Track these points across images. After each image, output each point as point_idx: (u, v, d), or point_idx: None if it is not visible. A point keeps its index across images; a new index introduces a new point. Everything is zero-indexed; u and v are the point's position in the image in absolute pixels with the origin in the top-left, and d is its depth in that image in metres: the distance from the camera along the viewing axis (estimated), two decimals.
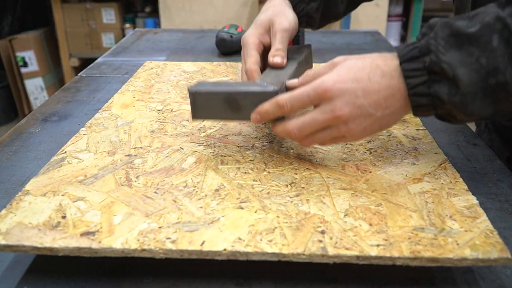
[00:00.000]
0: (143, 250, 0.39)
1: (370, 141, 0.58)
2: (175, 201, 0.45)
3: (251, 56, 0.61)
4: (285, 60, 0.60)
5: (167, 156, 0.54)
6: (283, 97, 0.48)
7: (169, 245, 0.39)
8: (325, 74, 0.48)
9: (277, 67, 0.60)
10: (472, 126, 0.79)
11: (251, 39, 0.62)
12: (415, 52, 0.45)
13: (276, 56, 0.60)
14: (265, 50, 0.64)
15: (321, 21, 0.75)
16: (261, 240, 0.40)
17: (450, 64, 0.43)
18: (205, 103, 0.53)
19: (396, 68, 0.46)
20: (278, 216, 0.43)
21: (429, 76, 0.44)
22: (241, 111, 0.52)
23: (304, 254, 0.38)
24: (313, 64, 0.88)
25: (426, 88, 0.45)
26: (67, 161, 0.53)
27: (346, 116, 0.46)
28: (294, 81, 0.52)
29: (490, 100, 0.43)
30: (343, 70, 0.47)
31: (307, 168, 0.51)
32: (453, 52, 0.43)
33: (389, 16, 2.60)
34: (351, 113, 0.46)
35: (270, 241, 0.40)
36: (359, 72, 0.46)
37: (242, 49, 0.64)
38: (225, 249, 0.39)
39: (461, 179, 0.49)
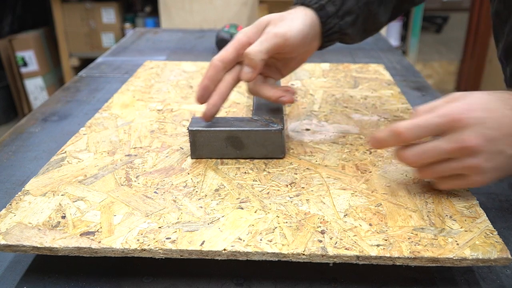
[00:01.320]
0: (143, 250, 0.39)
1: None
2: (175, 201, 0.45)
3: (224, 51, 0.52)
4: (251, 75, 0.51)
5: (167, 156, 0.54)
6: (403, 125, 0.43)
7: (169, 245, 0.39)
8: (451, 103, 0.43)
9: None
10: None
11: (239, 35, 0.54)
12: None
13: (244, 71, 0.52)
14: None
15: (360, 36, 0.62)
16: (261, 240, 0.40)
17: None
18: (206, 141, 0.53)
19: None
20: (278, 216, 0.43)
21: None
22: (243, 149, 0.52)
23: (304, 254, 0.38)
24: (313, 64, 0.88)
25: None
26: (67, 161, 0.53)
27: (475, 147, 0.40)
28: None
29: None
30: (473, 100, 0.43)
31: (307, 168, 0.51)
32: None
33: None
34: (480, 145, 0.40)
35: (270, 241, 0.40)
36: (490, 103, 0.42)
37: None
38: (225, 249, 0.39)
39: None
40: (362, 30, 0.60)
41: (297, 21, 0.54)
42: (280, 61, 0.57)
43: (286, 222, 0.42)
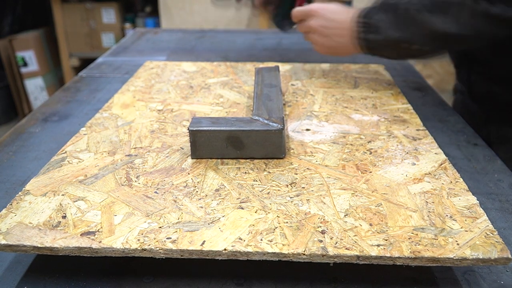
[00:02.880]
0: (144, 250, 0.39)
1: (370, 141, 0.58)
2: (175, 201, 0.45)
3: None
4: None
5: (167, 156, 0.54)
6: (298, 9, 0.77)
7: (170, 245, 0.39)
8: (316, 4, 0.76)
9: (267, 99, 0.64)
10: (450, 100, 0.85)
11: None
12: (367, 11, 0.71)
13: None
14: None
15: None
16: (261, 240, 0.40)
17: (377, 19, 0.69)
18: (206, 142, 0.53)
19: (355, 18, 0.71)
20: (278, 216, 0.43)
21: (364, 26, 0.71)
22: (244, 149, 0.52)
23: (304, 254, 0.38)
24: (314, 65, 0.88)
25: (365, 27, 0.71)
26: (67, 161, 0.53)
27: (316, 27, 0.74)
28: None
29: (395, 48, 0.70)
30: (328, 5, 0.75)
31: (307, 168, 0.51)
32: (381, 13, 0.69)
33: None
34: (318, 27, 0.74)
35: (271, 241, 0.40)
36: (335, 8, 0.74)
37: None
38: (225, 249, 0.39)
39: (461, 179, 0.49)
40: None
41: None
42: None
43: (287, 222, 0.42)
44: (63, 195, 0.46)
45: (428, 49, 0.68)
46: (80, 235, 0.40)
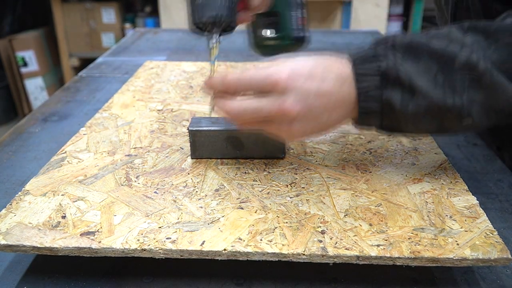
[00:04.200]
0: (143, 250, 0.39)
1: (370, 141, 0.58)
2: (175, 201, 0.45)
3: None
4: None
5: (167, 156, 0.54)
6: (233, 76, 0.44)
7: (169, 245, 0.39)
8: (277, 65, 0.43)
9: None
10: None
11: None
12: (369, 53, 0.43)
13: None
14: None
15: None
16: (261, 240, 0.40)
17: (408, 72, 0.41)
18: (206, 142, 0.52)
19: (349, 72, 0.43)
20: (278, 216, 0.43)
21: (381, 80, 0.42)
22: (244, 149, 0.52)
23: (304, 254, 0.38)
24: None
25: (378, 93, 0.42)
26: (67, 161, 0.53)
27: (294, 114, 0.42)
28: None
29: (440, 117, 0.42)
30: (298, 64, 0.43)
31: (307, 168, 0.51)
32: (410, 62, 0.42)
33: (389, 16, 2.60)
34: (299, 112, 0.42)
35: (270, 241, 0.40)
36: (315, 70, 0.43)
37: None
38: (225, 249, 0.39)
39: (461, 179, 0.49)
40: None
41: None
42: None
43: (286, 222, 0.42)
44: (62, 195, 0.46)
45: (483, 123, 0.43)
46: (80, 235, 0.40)
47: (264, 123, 0.44)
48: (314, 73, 0.42)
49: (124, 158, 0.54)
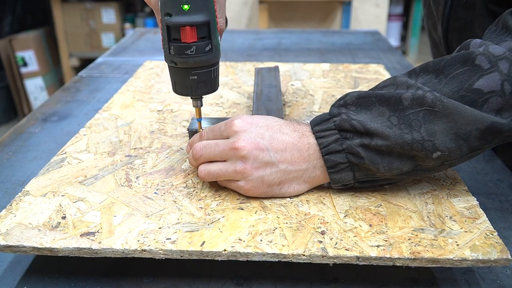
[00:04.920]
0: (143, 250, 0.39)
1: None
2: (175, 201, 0.45)
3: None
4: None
5: (167, 157, 0.54)
6: (205, 129, 0.49)
7: (169, 246, 0.39)
8: (240, 117, 0.47)
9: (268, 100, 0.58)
10: None
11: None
12: (324, 116, 0.46)
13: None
14: None
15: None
16: (261, 240, 0.40)
17: (361, 121, 0.43)
18: None
19: (307, 129, 0.47)
20: (278, 217, 0.43)
21: (340, 134, 0.44)
22: None
23: (304, 255, 0.38)
24: (313, 65, 0.88)
25: (338, 145, 0.44)
26: (67, 161, 0.53)
27: (245, 151, 0.44)
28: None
29: (408, 155, 0.43)
30: (258, 117, 0.48)
31: None
32: (363, 113, 0.44)
33: (389, 16, 2.60)
34: (251, 152, 0.44)
35: (270, 241, 0.40)
36: (272, 123, 0.47)
37: None
38: (225, 250, 0.39)
39: (461, 180, 0.49)
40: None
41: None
42: None
43: (286, 222, 0.42)
44: (62, 195, 0.46)
45: (456, 153, 0.42)
46: (80, 235, 0.40)
47: (222, 164, 0.46)
48: (272, 124, 0.46)
49: (124, 158, 0.54)
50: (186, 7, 0.43)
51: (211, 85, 0.48)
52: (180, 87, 0.48)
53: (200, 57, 0.45)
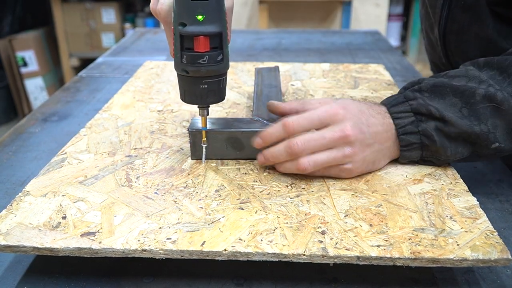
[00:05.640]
0: (144, 250, 0.39)
1: None
2: (175, 201, 0.45)
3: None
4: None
5: (167, 157, 0.54)
6: (290, 118, 0.49)
7: (170, 246, 0.39)
8: (329, 103, 0.50)
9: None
10: None
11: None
12: (400, 99, 0.51)
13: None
14: None
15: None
16: (261, 240, 0.40)
17: (437, 108, 0.48)
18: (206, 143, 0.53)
19: (385, 110, 0.51)
20: (278, 217, 0.43)
21: (415, 117, 0.49)
22: (244, 150, 0.53)
23: (304, 255, 0.38)
24: (313, 65, 0.88)
25: (414, 127, 0.49)
26: (67, 161, 0.53)
27: (353, 137, 0.48)
28: (280, 104, 0.53)
29: (471, 142, 0.48)
30: (347, 101, 0.50)
31: None
32: (437, 100, 0.49)
33: (389, 16, 2.60)
34: (357, 136, 0.48)
35: (271, 241, 0.40)
36: (361, 106, 0.50)
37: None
38: (225, 250, 0.39)
39: (461, 180, 0.49)
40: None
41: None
42: None
43: (287, 222, 0.42)
44: (63, 196, 0.46)
45: (508, 146, 0.48)
46: (80, 235, 0.40)
47: (327, 152, 0.48)
48: (362, 109, 0.50)
49: (124, 158, 0.54)
50: (200, 17, 0.44)
51: (220, 94, 0.49)
52: (189, 96, 0.49)
53: (212, 66, 0.46)
